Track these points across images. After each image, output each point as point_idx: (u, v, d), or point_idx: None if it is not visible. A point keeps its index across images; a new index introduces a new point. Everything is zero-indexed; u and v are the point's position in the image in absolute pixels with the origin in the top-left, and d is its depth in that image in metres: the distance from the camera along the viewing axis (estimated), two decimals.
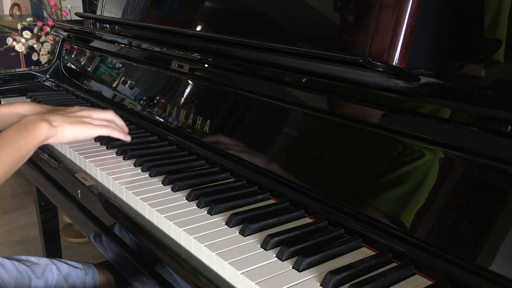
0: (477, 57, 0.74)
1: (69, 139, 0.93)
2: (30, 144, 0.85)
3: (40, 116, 0.89)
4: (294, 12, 0.90)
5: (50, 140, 0.89)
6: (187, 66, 1.09)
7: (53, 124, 0.89)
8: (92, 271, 1.12)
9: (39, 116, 0.89)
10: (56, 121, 0.89)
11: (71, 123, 0.92)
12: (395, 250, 0.66)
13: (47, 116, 0.90)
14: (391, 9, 0.73)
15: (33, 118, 0.88)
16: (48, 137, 0.88)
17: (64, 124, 0.90)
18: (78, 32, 1.60)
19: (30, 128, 0.85)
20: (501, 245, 0.55)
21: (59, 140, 0.91)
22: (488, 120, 0.60)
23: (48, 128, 0.87)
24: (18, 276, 1.03)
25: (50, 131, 0.88)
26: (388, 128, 0.70)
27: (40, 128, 0.86)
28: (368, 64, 0.72)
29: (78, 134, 0.93)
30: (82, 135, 0.94)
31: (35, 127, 0.86)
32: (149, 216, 0.81)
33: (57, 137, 0.90)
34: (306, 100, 0.82)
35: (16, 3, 3.64)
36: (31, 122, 0.86)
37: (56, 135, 0.89)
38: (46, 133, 0.87)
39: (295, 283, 0.61)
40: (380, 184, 0.69)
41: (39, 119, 0.88)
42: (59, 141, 0.91)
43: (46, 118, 0.88)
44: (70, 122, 0.92)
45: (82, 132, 0.93)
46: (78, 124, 0.93)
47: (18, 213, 2.57)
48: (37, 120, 0.87)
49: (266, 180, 0.85)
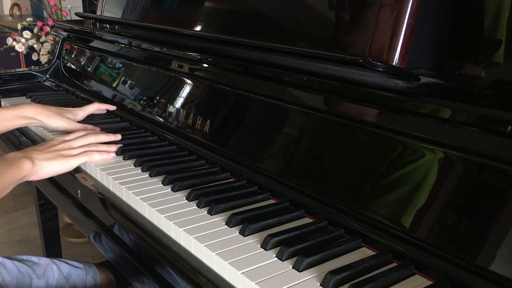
0: (477, 57, 0.74)
1: (50, 175, 0.96)
2: (13, 178, 0.88)
3: (23, 153, 0.93)
4: (294, 12, 0.90)
5: (32, 177, 0.93)
6: (187, 66, 1.09)
7: (35, 161, 0.92)
8: (93, 270, 1.12)
9: (23, 153, 0.93)
10: (38, 159, 0.93)
11: (51, 159, 0.95)
12: (395, 250, 0.66)
13: (30, 154, 0.93)
14: (391, 8, 0.73)
15: (18, 154, 0.92)
16: (30, 174, 0.92)
17: (44, 162, 0.94)
18: (78, 32, 1.60)
19: (14, 164, 0.89)
20: (501, 245, 0.55)
21: (41, 177, 0.95)
22: (488, 120, 0.60)
23: (30, 166, 0.91)
24: (19, 276, 1.03)
25: (32, 169, 0.91)
26: (388, 128, 0.70)
27: (23, 165, 0.90)
28: (368, 64, 0.72)
29: (59, 169, 0.96)
30: (63, 169, 0.97)
31: (18, 164, 0.89)
32: (149, 216, 0.81)
33: (39, 175, 0.94)
34: (306, 100, 0.82)
35: (16, 3, 3.64)
36: (15, 159, 0.90)
37: (38, 173, 0.93)
38: (28, 170, 0.90)
39: (295, 283, 0.61)
40: (380, 184, 0.69)
41: (23, 156, 0.92)
42: (41, 177, 0.95)
43: (29, 156, 0.92)
44: (51, 159, 0.95)
45: (63, 167, 0.97)
46: (59, 159, 0.96)
47: (18, 213, 2.57)
48: (21, 158, 0.91)
49: (266, 180, 0.85)
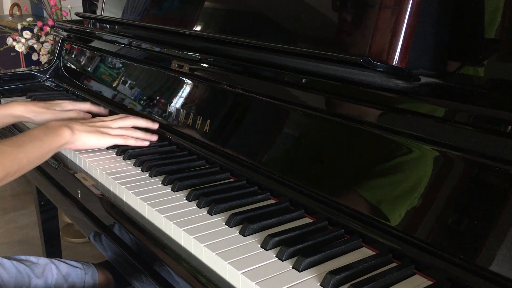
0: (477, 57, 0.74)
1: (86, 147, 1.00)
2: (53, 144, 0.93)
3: (64, 122, 0.99)
4: (294, 12, 0.90)
5: (70, 145, 0.97)
6: (187, 66, 1.09)
7: (75, 131, 0.97)
8: (92, 270, 1.12)
9: (64, 122, 0.98)
10: (77, 129, 0.98)
11: (90, 132, 1.00)
12: (395, 250, 0.66)
13: (70, 123, 0.98)
14: (391, 9, 0.73)
15: (58, 123, 0.97)
16: (69, 142, 0.96)
17: (83, 133, 0.98)
18: (78, 32, 1.60)
19: (55, 130, 0.94)
20: (501, 245, 0.55)
21: (78, 147, 0.99)
22: (488, 120, 0.60)
23: (70, 134, 0.96)
24: (17, 276, 1.03)
25: (71, 137, 0.96)
26: (388, 128, 0.70)
27: (63, 133, 0.95)
28: (368, 64, 0.72)
29: (95, 143, 1.01)
30: (99, 144, 1.02)
31: (59, 131, 0.95)
32: (149, 216, 0.81)
33: (76, 144, 0.98)
34: (306, 100, 0.82)
35: (16, 3, 3.64)
36: (56, 126, 0.96)
37: (75, 142, 0.98)
38: (67, 138, 0.95)
39: (295, 283, 0.61)
40: (380, 184, 0.69)
41: (63, 124, 0.97)
42: (77, 147, 0.99)
43: (69, 125, 0.97)
44: (89, 131, 1.00)
45: (99, 142, 1.01)
46: (96, 134, 1.00)
47: (18, 213, 2.57)
48: (62, 126, 0.96)
49: (266, 180, 0.85)
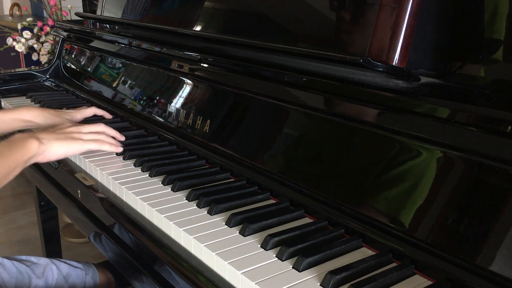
0: (477, 57, 0.74)
1: (58, 156, 0.93)
2: (19, 160, 0.85)
3: (30, 134, 0.91)
4: (294, 12, 0.90)
5: (39, 157, 0.90)
6: (187, 66, 1.09)
7: (43, 141, 0.90)
8: (92, 270, 1.12)
9: (29, 133, 0.91)
10: (46, 139, 0.91)
11: (60, 139, 0.93)
12: (395, 250, 0.66)
13: (37, 134, 0.91)
14: (391, 8, 0.73)
15: (23, 135, 0.89)
16: (37, 154, 0.89)
17: (53, 142, 0.91)
18: (78, 32, 1.60)
19: (19, 144, 0.87)
20: (501, 245, 0.55)
21: (48, 158, 0.92)
22: (488, 120, 0.60)
23: (37, 146, 0.88)
24: (18, 276, 1.03)
25: (39, 148, 0.89)
26: (388, 128, 0.70)
27: (29, 145, 0.87)
28: (368, 64, 0.72)
29: (67, 151, 0.94)
30: (71, 151, 0.95)
31: (24, 144, 0.87)
32: (149, 216, 0.81)
33: (45, 155, 0.91)
34: (306, 100, 0.82)
35: (16, 3, 3.64)
36: (21, 139, 0.88)
37: (45, 153, 0.90)
38: (35, 150, 0.88)
39: (295, 283, 0.61)
40: (380, 184, 0.69)
41: (29, 136, 0.89)
42: (48, 158, 0.92)
43: (36, 136, 0.90)
44: (59, 139, 0.93)
45: (71, 149, 0.94)
46: (67, 141, 0.94)
47: (18, 213, 2.57)
48: (27, 138, 0.88)
49: (266, 180, 0.85)
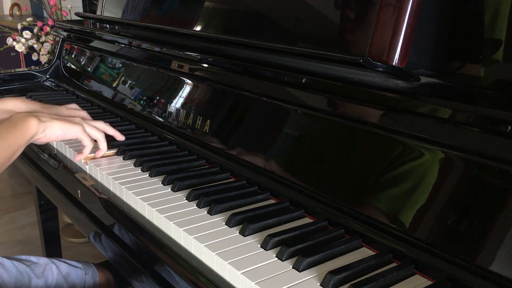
0: (477, 57, 0.74)
1: (57, 136, 0.92)
2: (20, 140, 0.84)
3: (29, 113, 0.89)
4: (294, 12, 0.90)
5: (40, 136, 0.89)
6: (187, 66, 1.09)
7: (42, 120, 0.88)
8: (92, 270, 1.12)
9: (29, 113, 0.89)
10: (45, 118, 0.89)
11: (60, 120, 0.92)
12: (395, 250, 0.66)
13: (36, 113, 0.90)
14: (391, 8, 0.73)
15: (22, 114, 0.87)
16: (37, 133, 0.88)
17: (53, 121, 0.90)
18: (78, 32, 1.60)
19: (19, 124, 0.85)
20: (501, 245, 0.55)
21: (48, 137, 0.91)
22: (488, 120, 0.60)
23: (37, 124, 0.87)
24: (18, 276, 1.03)
25: (39, 127, 0.87)
26: (388, 128, 0.70)
27: (29, 124, 0.86)
28: (368, 64, 0.72)
29: (66, 132, 0.92)
30: (71, 133, 0.93)
31: (24, 123, 0.85)
32: (149, 216, 0.81)
33: (46, 134, 0.90)
34: (306, 100, 0.82)
35: (16, 3, 3.64)
36: (20, 119, 0.86)
37: (46, 131, 0.89)
38: (35, 129, 0.87)
39: (295, 283, 0.61)
40: (380, 184, 0.69)
41: (28, 115, 0.87)
42: (47, 138, 0.91)
43: (35, 115, 0.88)
44: (59, 120, 0.92)
45: (71, 131, 0.93)
46: (67, 123, 0.92)
47: (18, 213, 2.57)
48: (26, 117, 0.87)
49: (266, 180, 0.85)
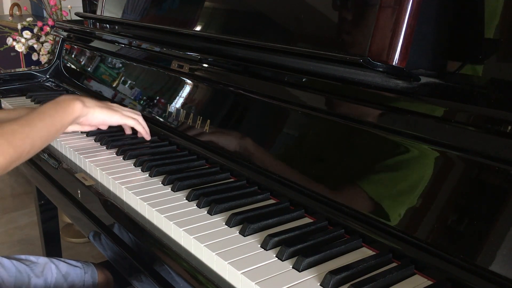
0: (477, 57, 0.74)
1: (98, 121, 1.00)
2: (64, 120, 0.92)
3: (74, 96, 0.97)
4: (294, 12, 0.90)
5: (81, 119, 0.97)
6: (187, 66, 1.09)
7: (86, 104, 0.96)
8: (91, 270, 1.12)
9: (74, 96, 0.97)
10: (89, 103, 0.97)
11: (101, 107, 1.00)
12: (395, 250, 0.66)
13: (81, 98, 0.97)
14: (391, 9, 0.73)
15: (69, 97, 0.96)
16: (80, 116, 0.96)
17: (95, 107, 0.99)
18: (78, 32, 1.60)
19: (64, 105, 0.92)
20: (501, 245, 0.55)
21: (89, 121, 0.99)
22: (488, 120, 0.60)
23: (81, 107, 0.95)
24: (17, 275, 1.03)
25: (82, 110, 0.95)
26: (388, 128, 0.70)
27: (74, 106, 0.94)
28: (368, 64, 0.72)
29: (106, 118, 1.01)
30: (111, 120, 1.02)
31: (69, 105, 0.93)
32: (149, 216, 0.81)
33: (88, 118, 0.98)
34: (306, 100, 0.82)
35: (16, 3, 3.63)
36: (66, 100, 0.94)
37: (88, 115, 0.97)
38: (79, 112, 0.94)
39: (295, 283, 0.61)
40: (380, 184, 0.69)
41: (75, 98, 0.95)
42: (89, 122, 0.99)
43: (80, 99, 0.96)
44: (101, 107, 1.00)
45: (111, 117, 1.02)
46: (108, 110, 1.01)
47: (18, 213, 2.57)
48: (72, 99, 0.95)
49: (266, 180, 0.85)
